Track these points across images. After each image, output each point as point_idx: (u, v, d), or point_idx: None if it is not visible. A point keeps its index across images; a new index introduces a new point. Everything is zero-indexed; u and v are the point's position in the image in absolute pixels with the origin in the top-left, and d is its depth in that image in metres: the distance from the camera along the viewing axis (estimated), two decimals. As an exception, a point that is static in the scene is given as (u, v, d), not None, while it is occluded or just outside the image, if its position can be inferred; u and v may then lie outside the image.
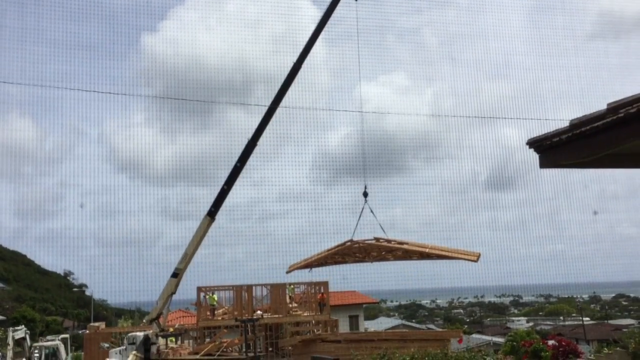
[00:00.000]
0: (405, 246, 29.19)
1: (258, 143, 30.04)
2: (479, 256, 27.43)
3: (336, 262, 32.80)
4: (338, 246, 30.31)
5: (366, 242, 29.66)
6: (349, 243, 29.63)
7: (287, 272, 33.45)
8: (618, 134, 5.36)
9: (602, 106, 5.50)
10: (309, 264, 32.06)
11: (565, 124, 5.96)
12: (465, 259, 27.79)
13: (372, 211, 29.05)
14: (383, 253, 30.58)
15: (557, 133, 6.09)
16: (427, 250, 28.71)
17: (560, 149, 6.14)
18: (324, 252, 31.38)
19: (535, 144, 6.44)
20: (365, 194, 29.11)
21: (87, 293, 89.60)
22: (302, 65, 29.92)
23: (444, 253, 28.53)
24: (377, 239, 29.41)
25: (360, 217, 28.96)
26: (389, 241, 29.33)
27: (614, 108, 5.35)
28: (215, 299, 34.95)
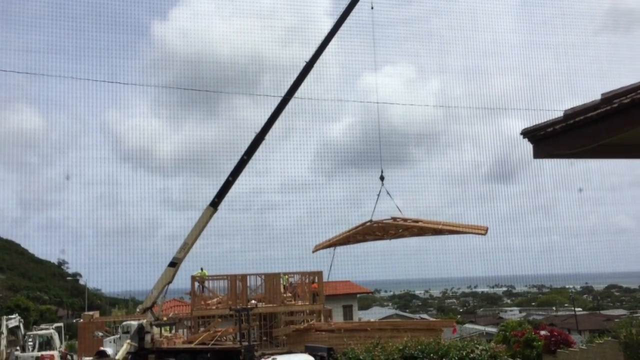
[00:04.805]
0: (420, 224, 30.52)
1: (266, 137, 30.72)
2: (486, 230, 28.87)
3: (358, 241, 34.06)
4: (359, 226, 31.50)
5: (384, 221, 30.89)
6: (368, 223, 30.87)
7: (313, 252, 34.38)
8: (612, 124, 5.37)
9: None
10: (333, 244, 33.18)
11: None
12: (474, 233, 29.44)
13: (388, 193, 30.71)
14: (400, 231, 32.03)
15: (551, 123, 6.08)
16: (440, 226, 30.15)
17: (555, 139, 6.13)
18: (345, 232, 32.48)
19: (530, 134, 6.44)
20: (381, 178, 30.78)
21: (81, 282, 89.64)
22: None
23: (455, 228, 30.11)
24: (394, 219, 30.64)
25: (378, 199, 30.67)
26: (405, 220, 30.66)
27: (607, 98, 5.35)
28: (207, 273, 35.20)
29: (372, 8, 31.87)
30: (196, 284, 34.80)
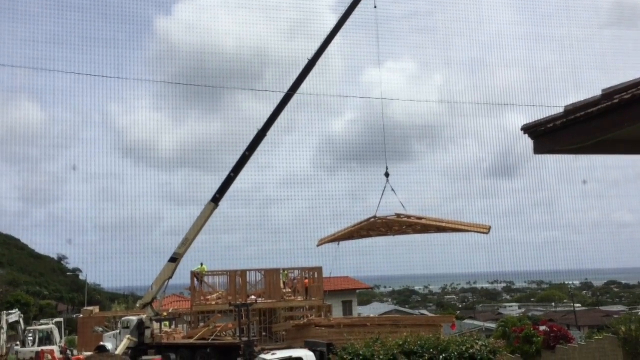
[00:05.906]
0: (423, 221, 30.57)
1: (267, 133, 30.79)
2: (489, 229, 28.87)
3: (362, 236, 34.15)
4: (363, 222, 31.48)
5: (388, 218, 30.86)
6: (373, 219, 30.83)
7: (318, 246, 34.49)
8: (613, 120, 5.36)
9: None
10: (337, 238, 33.27)
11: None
12: (477, 232, 29.41)
13: (393, 190, 30.76)
14: (404, 227, 32.06)
15: (552, 119, 6.07)
16: (443, 224, 30.25)
17: (555, 135, 6.12)
18: (350, 227, 32.50)
19: (530, 130, 6.42)
20: (386, 174, 30.82)
21: (81, 277, 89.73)
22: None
23: (457, 227, 30.11)
24: (398, 215, 30.62)
25: (382, 195, 30.72)
26: (409, 217, 30.65)
27: (608, 94, 5.34)
28: (206, 269, 35.26)
29: (375, 7, 31.88)
30: (195, 279, 34.85)
